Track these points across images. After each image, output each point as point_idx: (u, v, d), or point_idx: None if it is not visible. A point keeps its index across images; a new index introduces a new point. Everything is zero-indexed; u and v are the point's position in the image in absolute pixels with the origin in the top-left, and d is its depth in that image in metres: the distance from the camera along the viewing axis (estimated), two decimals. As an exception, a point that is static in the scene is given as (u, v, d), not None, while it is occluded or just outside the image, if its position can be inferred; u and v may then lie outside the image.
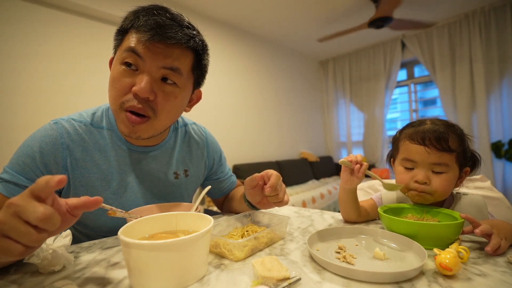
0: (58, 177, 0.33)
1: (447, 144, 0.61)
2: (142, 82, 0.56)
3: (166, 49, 0.57)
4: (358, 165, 0.63)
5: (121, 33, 0.60)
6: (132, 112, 0.59)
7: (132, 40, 0.56)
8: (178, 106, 0.65)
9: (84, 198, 0.37)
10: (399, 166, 0.68)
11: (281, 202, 0.66)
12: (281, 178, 0.65)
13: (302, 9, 3.03)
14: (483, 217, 0.63)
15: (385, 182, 0.66)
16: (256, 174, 0.64)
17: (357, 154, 0.65)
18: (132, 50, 0.56)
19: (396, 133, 0.73)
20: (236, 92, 3.35)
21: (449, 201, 0.69)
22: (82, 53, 2.15)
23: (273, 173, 0.63)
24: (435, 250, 0.43)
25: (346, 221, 0.72)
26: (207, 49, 0.66)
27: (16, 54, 1.86)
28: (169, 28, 0.55)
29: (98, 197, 0.37)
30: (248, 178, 0.65)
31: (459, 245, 0.46)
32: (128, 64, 0.57)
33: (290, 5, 2.94)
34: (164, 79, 0.59)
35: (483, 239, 0.53)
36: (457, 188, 0.71)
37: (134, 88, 0.56)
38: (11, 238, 0.32)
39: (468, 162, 0.66)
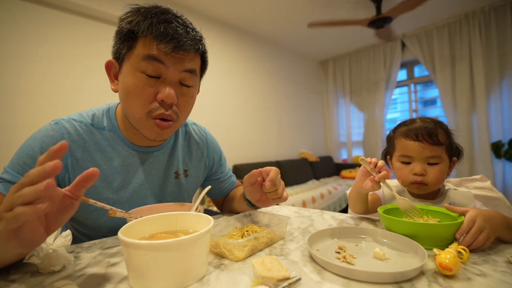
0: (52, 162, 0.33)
1: (437, 138, 0.68)
2: (166, 89, 0.58)
3: (184, 54, 0.59)
4: (372, 176, 0.64)
5: (131, 38, 0.58)
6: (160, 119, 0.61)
7: (152, 48, 0.56)
8: (192, 105, 0.69)
9: (79, 176, 0.37)
10: (396, 162, 0.74)
11: (280, 198, 0.66)
12: (280, 173, 0.65)
13: (303, 9, 3.03)
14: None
15: (400, 199, 0.63)
16: (255, 170, 0.64)
17: (380, 160, 0.65)
18: (155, 58, 0.57)
19: (390, 132, 0.79)
20: (236, 92, 3.35)
21: (440, 195, 0.74)
22: (82, 54, 2.15)
23: (271, 169, 0.63)
24: (435, 250, 0.43)
25: (353, 213, 0.75)
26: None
27: (16, 55, 1.86)
28: (185, 36, 0.58)
29: (94, 169, 0.37)
30: (246, 176, 0.66)
31: (459, 245, 0.46)
32: (149, 72, 0.58)
33: (290, 5, 2.94)
34: (181, 82, 0.62)
35: None
36: (445, 181, 0.76)
37: (160, 96, 0.58)
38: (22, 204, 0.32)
39: (455, 153, 0.73)
